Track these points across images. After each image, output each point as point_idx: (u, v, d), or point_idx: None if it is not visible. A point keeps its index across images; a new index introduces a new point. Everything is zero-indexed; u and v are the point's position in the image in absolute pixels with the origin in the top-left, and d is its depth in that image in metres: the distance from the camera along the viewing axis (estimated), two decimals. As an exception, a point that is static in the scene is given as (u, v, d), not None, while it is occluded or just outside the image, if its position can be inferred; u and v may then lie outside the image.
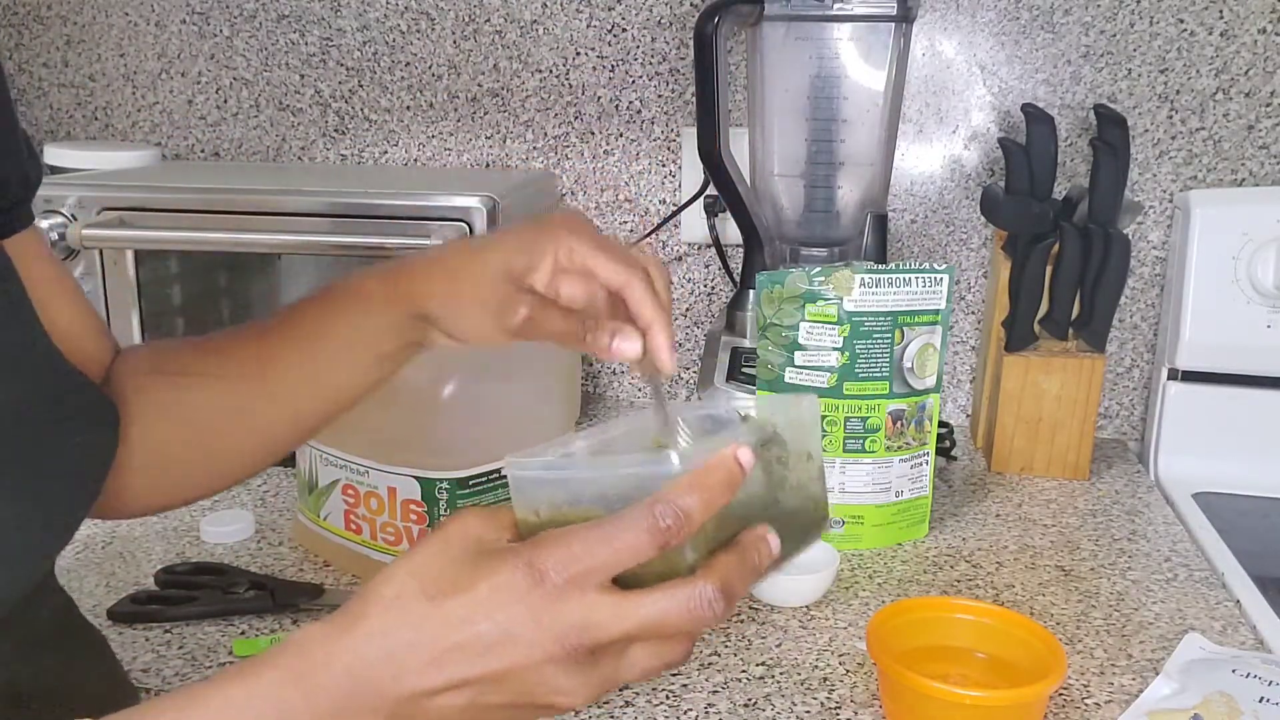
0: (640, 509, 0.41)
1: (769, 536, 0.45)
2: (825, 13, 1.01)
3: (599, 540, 0.41)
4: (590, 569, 0.40)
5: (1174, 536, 0.98)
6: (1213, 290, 1.11)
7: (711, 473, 0.42)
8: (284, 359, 0.61)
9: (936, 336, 0.93)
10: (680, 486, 0.42)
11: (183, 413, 0.61)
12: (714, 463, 0.43)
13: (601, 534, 0.41)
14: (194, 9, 1.34)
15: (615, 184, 1.30)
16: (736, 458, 0.43)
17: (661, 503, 0.41)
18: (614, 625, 0.41)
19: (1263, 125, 1.15)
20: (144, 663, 0.74)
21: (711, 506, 0.42)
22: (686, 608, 0.41)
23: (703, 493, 0.42)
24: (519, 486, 0.45)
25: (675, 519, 0.41)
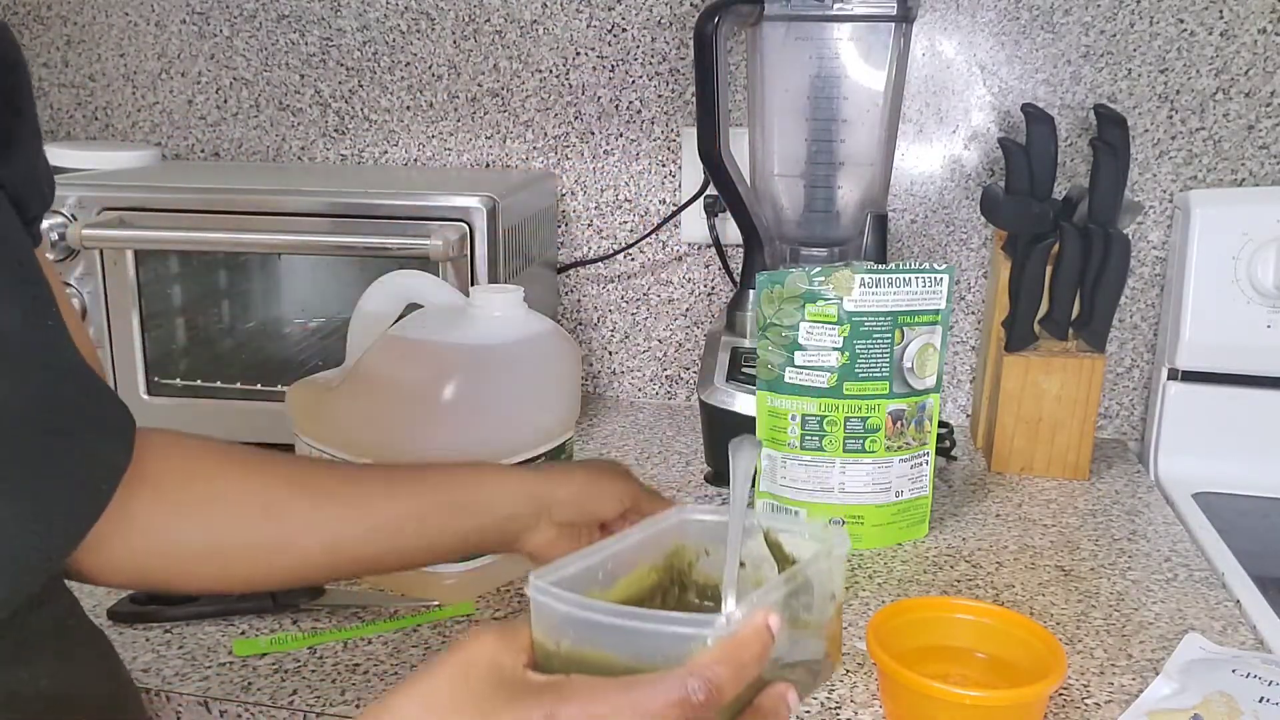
0: (672, 680, 0.41)
1: (789, 695, 0.45)
2: (825, 13, 1.01)
3: (628, 705, 0.40)
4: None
5: (1174, 536, 0.98)
6: (1213, 290, 1.11)
7: (747, 646, 0.42)
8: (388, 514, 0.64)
9: (936, 336, 0.93)
10: (715, 657, 0.41)
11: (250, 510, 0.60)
12: (748, 635, 0.43)
13: (630, 699, 0.40)
14: (194, 9, 1.35)
15: (615, 184, 1.30)
16: (768, 626, 0.43)
17: (695, 676, 0.41)
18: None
19: (1263, 125, 1.15)
20: (144, 663, 0.74)
21: (744, 680, 0.42)
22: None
23: (736, 667, 0.42)
24: (544, 614, 0.44)
25: (708, 694, 0.41)
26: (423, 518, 0.64)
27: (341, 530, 0.62)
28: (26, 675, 0.50)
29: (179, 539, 0.58)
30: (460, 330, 0.83)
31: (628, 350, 1.35)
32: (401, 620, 0.80)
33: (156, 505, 0.57)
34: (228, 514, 0.59)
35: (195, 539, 0.58)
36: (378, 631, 0.79)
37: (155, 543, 0.57)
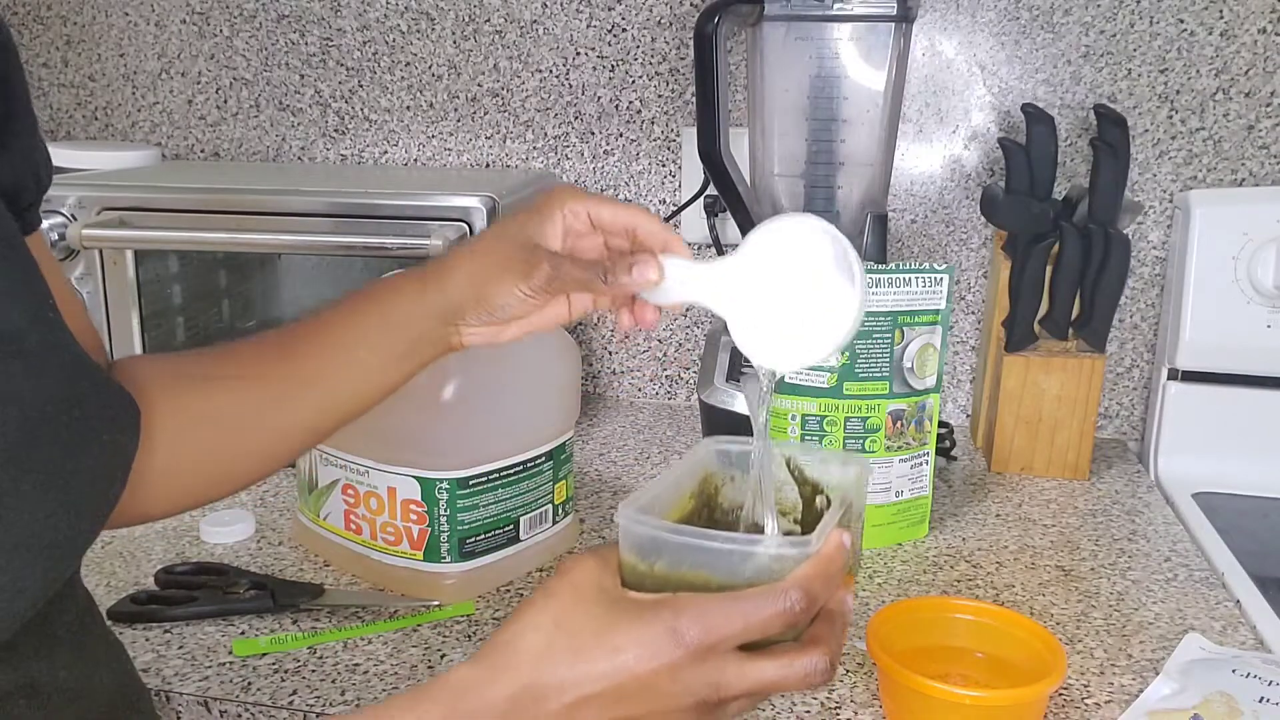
0: (777, 592, 0.46)
1: (847, 598, 0.51)
2: (825, 13, 1.01)
3: (736, 614, 0.46)
4: (725, 638, 0.46)
5: (1174, 536, 0.98)
6: (1213, 290, 1.11)
7: (832, 560, 0.48)
8: (309, 356, 0.63)
9: (936, 336, 0.93)
10: (809, 573, 0.47)
11: (208, 416, 0.62)
12: (831, 552, 0.48)
13: (739, 609, 0.46)
14: (194, 9, 1.35)
15: (615, 184, 1.30)
16: (844, 543, 0.49)
17: (795, 589, 0.46)
18: (739, 686, 0.46)
19: (1263, 125, 1.15)
20: (144, 663, 0.74)
21: (832, 591, 0.48)
22: (802, 675, 0.47)
23: (826, 580, 0.48)
24: (638, 539, 0.49)
25: (806, 604, 0.46)
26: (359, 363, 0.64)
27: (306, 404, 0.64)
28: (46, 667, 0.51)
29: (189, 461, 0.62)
30: (460, 330, 0.83)
31: (628, 350, 1.35)
32: (401, 620, 0.80)
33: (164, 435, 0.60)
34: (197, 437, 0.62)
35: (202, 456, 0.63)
36: (378, 631, 0.79)
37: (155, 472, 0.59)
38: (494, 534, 0.84)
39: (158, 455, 0.59)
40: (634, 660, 0.45)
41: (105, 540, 0.93)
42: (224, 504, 1.00)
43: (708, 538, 0.49)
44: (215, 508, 0.99)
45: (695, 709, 0.46)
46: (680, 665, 0.45)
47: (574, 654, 0.46)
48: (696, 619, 0.45)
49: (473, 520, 0.83)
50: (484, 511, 0.83)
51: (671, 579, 0.49)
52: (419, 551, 0.83)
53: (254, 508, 1.00)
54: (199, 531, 0.94)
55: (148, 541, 0.93)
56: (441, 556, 0.83)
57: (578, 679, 0.45)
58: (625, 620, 0.46)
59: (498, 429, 0.83)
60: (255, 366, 0.64)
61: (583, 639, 0.46)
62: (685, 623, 0.45)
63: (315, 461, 0.88)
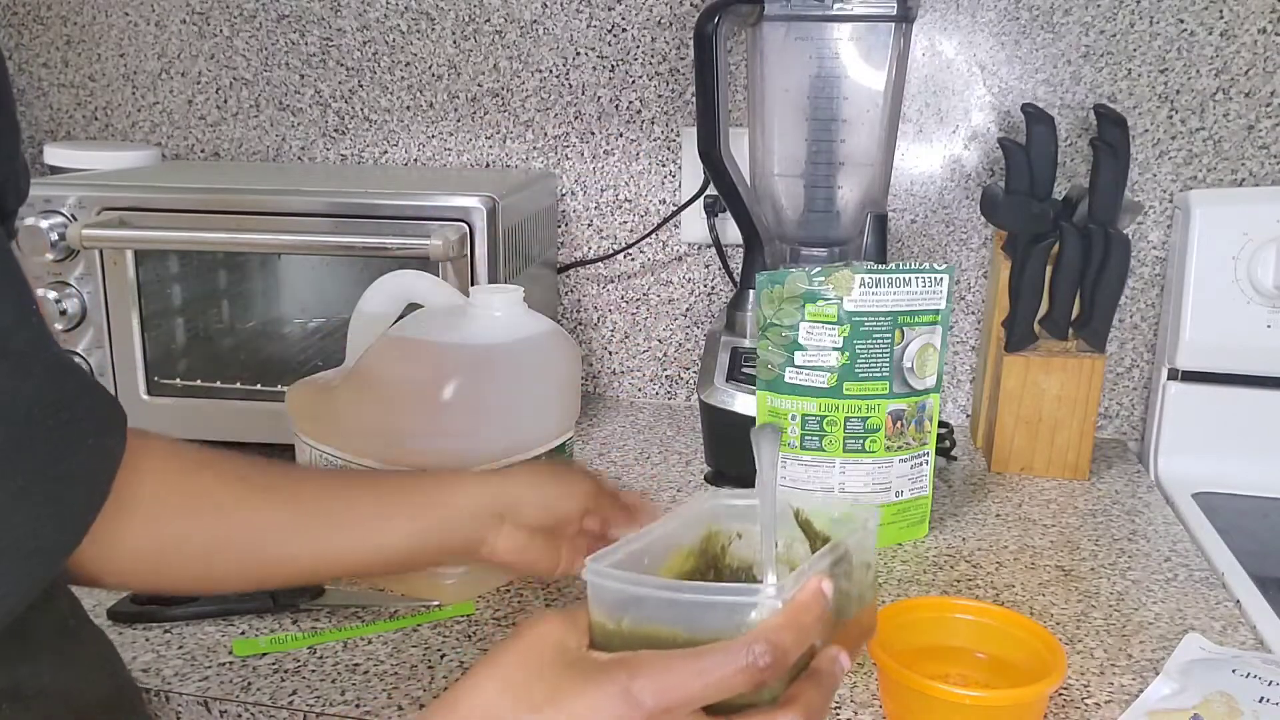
0: (738, 646, 0.42)
1: (841, 657, 0.47)
2: (825, 13, 1.01)
3: (696, 673, 0.42)
4: (684, 700, 0.42)
5: (1174, 536, 0.98)
6: (1213, 290, 1.11)
7: (807, 610, 0.44)
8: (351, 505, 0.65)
9: (936, 336, 0.93)
10: (777, 623, 0.43)
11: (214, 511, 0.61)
12: (806, 599, 0.45)
13: (698, 666, 0.42)
14: (194, 9, 1.35)
15: (615, 184, 1.30)
16: (823, 591, 0.45)
17: (760, 641, 0.42)
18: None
19: (1263, 125, 1.15)
20: (144, 663, 0.74)
21: (804, 644, 0.44)
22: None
23: (797, 631, 0.44)
24: (604, 595, 0.46)
25: (774, 657, 0.42)
26: (387, 517, 0.66)
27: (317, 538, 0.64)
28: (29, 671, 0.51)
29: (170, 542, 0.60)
30: (460, 330, 0.83)
31: (628, 350, 1.35)
32: (401, 620, 0.80)
33: (154, 507, 0.59)
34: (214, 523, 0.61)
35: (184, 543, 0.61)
36: (378, 631, 0.79)
37: (149, 545, 0.59)
38: (494, 534, 0.84)
39: (135, 528, 0.57)
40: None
41: (105, 540, 0.93)
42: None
43: (670, 588, 0.46)
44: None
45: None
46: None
47: (518, 717, 0.43)
48: (652, 679, 0.42)
49: (473, 520, 0.83)
50: (484, 511, 0.83)
51: (639, 636, 0.45)
52: (419, 551, 0.83)
53: (254, 508, 1.00)
54: (199, 531, 0.94)
55: (148, 541, 0.93)
56: (441, 556, 0.83)
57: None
58: (578, 682, 0.43)
59: (498, 429, 0.83)
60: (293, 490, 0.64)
61: (532, 702, 0.43)
62: (640, 684, 0.42)
63: (315, 462, 0.87)
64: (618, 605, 0.46)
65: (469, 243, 1.01)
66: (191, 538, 0.61)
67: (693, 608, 0.44)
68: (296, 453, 0.90)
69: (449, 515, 0.67)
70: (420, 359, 0.82)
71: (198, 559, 0.61)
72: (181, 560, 0.61)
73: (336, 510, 0.65)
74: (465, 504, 0.67)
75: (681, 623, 0.44)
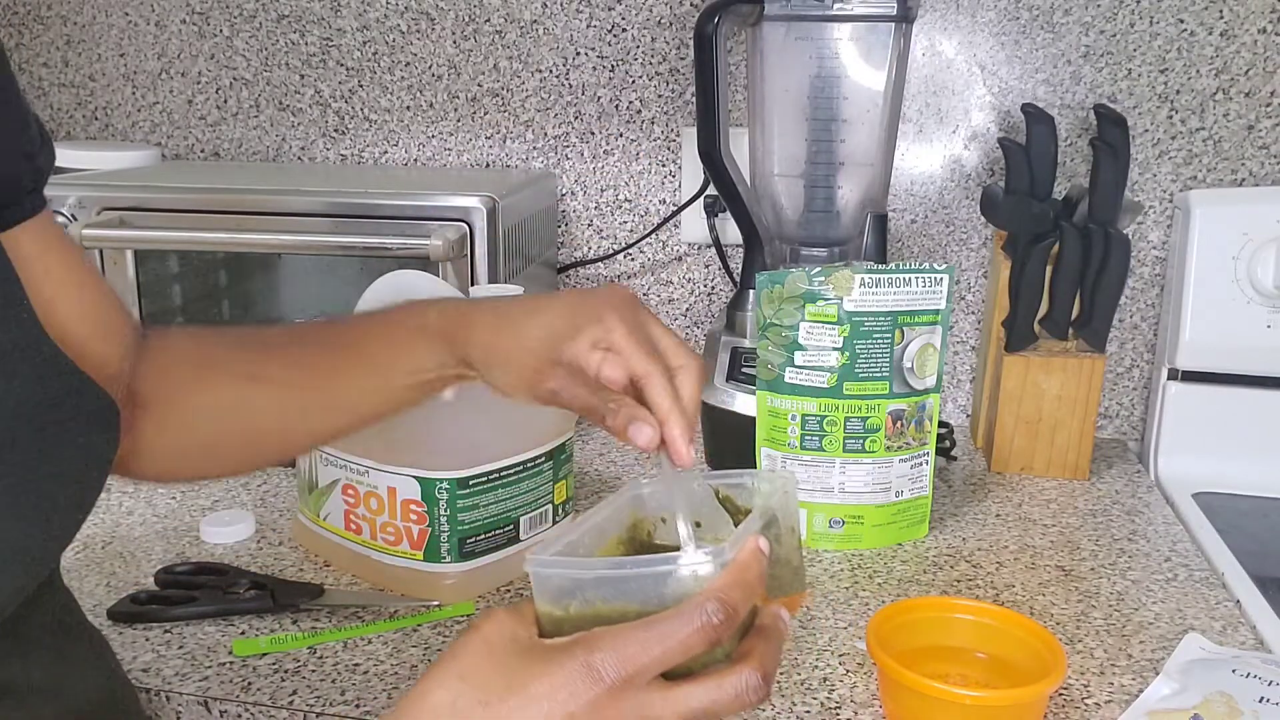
0: (691, 608, 0.43)
1: (783, 613, 0.49)
2: (825, 13, 1.01)
3: (653, 640, 0.43)
4: (644, 667, 0.43)
5: (1174, 536, 0.98)
6: (1213, 290, 1.11)
7: (749, 567, 0.46)
8: (345, 374, 0.64)
9: (936, 336, 0.93)
10: (724, 583, 0.45)
11: (231, 411, 0.64)
12: (746, 558, 0.46)
13: (655, 633, 0.43)
14: (194, 9, 1.35)
15: (615, 184, 1.30)
16: (760, 549, 0.47)
17: (711, 600, 0.43)
18: (669, 717, 0.44)
19: (1263, 125, 1.15)
20: (144, 663, 0.74)
21: (752, 599, 0.46)
22: (733, 695, 0.44)
23: (744, 587, 0.45)
24: (549, 584, 0.47)
25: (727, 614, 0.43)
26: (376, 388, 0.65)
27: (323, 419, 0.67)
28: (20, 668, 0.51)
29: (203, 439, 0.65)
30: (460, 330, 0.83)
31: (628, 350, 1.35)
32: (401, 620, 0.80)
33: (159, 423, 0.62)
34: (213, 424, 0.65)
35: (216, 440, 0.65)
36: (378, 631, 0.79)
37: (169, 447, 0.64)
38: (494, 534, 0.84)
39: (164, 435, 0.61)
40: (550, 707, 0.42)
41: (105, 540, 0.93)
42: (224, 504, 1.01)
43: (618, 565, 0.47)
44: (216, 508, 0.99)
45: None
46: (600, 704, 0.42)
47: (484, 708, 0.43)
48: (611, 651, 0.43)
49: (473, 520, 0.83)
50: (484, 511, 0.83)
51: (588, 617, 0.46)
52: (419, 551, 0.83)
53: (254, 508, 1.00)
54: (199, 531, 0.94)
55: (148, 541, 0.93)
56: (441, 556, 0.83)
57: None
58: (538, 665, 0.43)
59: (498, 429, 0.83)
60: (284, 371, 0.64)
61: (493, 690, 0.43)
62: (600, 657, 0.42)
63: (315, 461, 0.88)
64: (564, 592, 0.47)
65: (469, 243, 1.01)
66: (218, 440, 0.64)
67: (640, 580, 0.46)
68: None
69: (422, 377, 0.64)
70: (420, 359, 0.82)
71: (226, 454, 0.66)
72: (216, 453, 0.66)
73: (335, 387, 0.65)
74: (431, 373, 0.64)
75: (630, 598, 0.46)
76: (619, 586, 0.46)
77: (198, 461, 0.67)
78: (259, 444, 0.66)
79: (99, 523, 0.96)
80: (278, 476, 1.07)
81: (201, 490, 1.04)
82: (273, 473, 1.08)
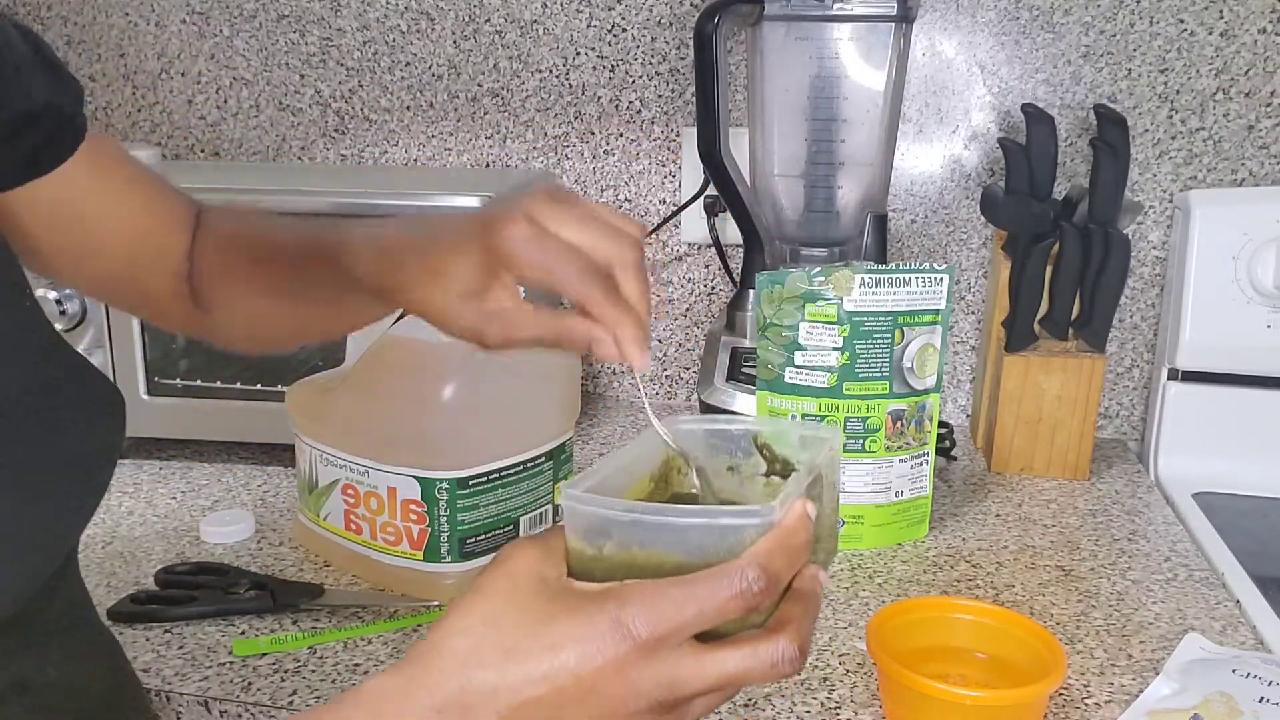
0: (732, 572, 0.41)
1: (820, 575, 0.46)
2: (825, 13, 1.01)
3: (688, 600, 0.41)
4: (678, 628, 0.41)
5: (1174, 536, 0.98)
6: (1213, 290, 1.11)
7: (795, 534, 0.43)
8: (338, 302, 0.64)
9: (936, 336, 0.93)
10: (768, 547, 0.42)
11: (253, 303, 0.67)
12: (794, 523, 0.43)
13: (690, 594, 0.41)
14: (194, 9, 1.34)
15: (615, 184, 1.30)
16: (808, 514, 0.44)
17: (753, 567, 0.41)
18: (698, 682, 0.41)
19: (1263, 125, 1.15)
20: (144, 662, 0.74)
21: (795, 567, 0.43)
22: (769, 664, 0.42)
23: (789, 555, 0.43)
24: (584, 520, 0.44)
25: (766, 583, 0.41)
26: None
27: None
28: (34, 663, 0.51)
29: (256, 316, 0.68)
30: (460, 330, 0.83)
31: (628, 350, 1.35)
32: (401, 620, 0.80)
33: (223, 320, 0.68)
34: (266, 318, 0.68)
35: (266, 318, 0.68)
36: (378, 631, 0.79)
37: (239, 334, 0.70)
38: (494, 534, 0.84)
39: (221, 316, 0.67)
40: (575, 660, 0.40)
41: (105, 540, 0.93)
42: (224, 504, 1.01)
43: (658, 512, 0.44)
44: (215, 508, 0.99)
45: (650, 711, 0.41)
46: (628, 663, 0.40)
47: (505, 655, 0.41)
48: (643, 608, 0.40)
49: (473, 520, 0.83)
50: (484, 511, 0.83)
51: (621, 563, 0.44)
52: (419, 551, 0.83)
53: (254, 508, 1.00)
54: (199, 531, 0.94)
55: (148, 541, 0.93)
56: (441, 556, 0.83)
57: (511, 683, 0.40)
58: (564, 614, 0.41)
59: (498, 429, 0.83)
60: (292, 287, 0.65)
61: (515, 638, 0.41)
62: (631, 613, 0.40)
63: (315, 462, 0.88)
64: (597, 531, 0.44)
65: (469, 243, 1.01)
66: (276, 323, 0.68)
67: (683, 531, 0.43)
68: (297, 453, 0.90)
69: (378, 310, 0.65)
70: (420, 359, 0.82)
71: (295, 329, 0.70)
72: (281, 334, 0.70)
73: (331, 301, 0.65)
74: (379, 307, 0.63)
75: (670, 546, 0.43)
76: (656, 534, 0.43)
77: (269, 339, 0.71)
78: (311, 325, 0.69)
79: (99, 523, 0.96)
80: (278, 477, 1.07)
81: (201, 490, 1.04)
82: (273, 472, 1.08)
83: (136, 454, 1.13)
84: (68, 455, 0.48)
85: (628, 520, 0.44)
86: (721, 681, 0.42)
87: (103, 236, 0.62)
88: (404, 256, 0.56)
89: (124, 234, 0.63)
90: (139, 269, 0.65)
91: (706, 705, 0.44)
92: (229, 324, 0.69)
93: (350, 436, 0.84)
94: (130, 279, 0.65)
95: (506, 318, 0.53)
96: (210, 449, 1.14)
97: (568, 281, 0.49)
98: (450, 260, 0.53)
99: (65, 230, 0.59)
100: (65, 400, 0.48)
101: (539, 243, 0.50)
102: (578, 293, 0.49)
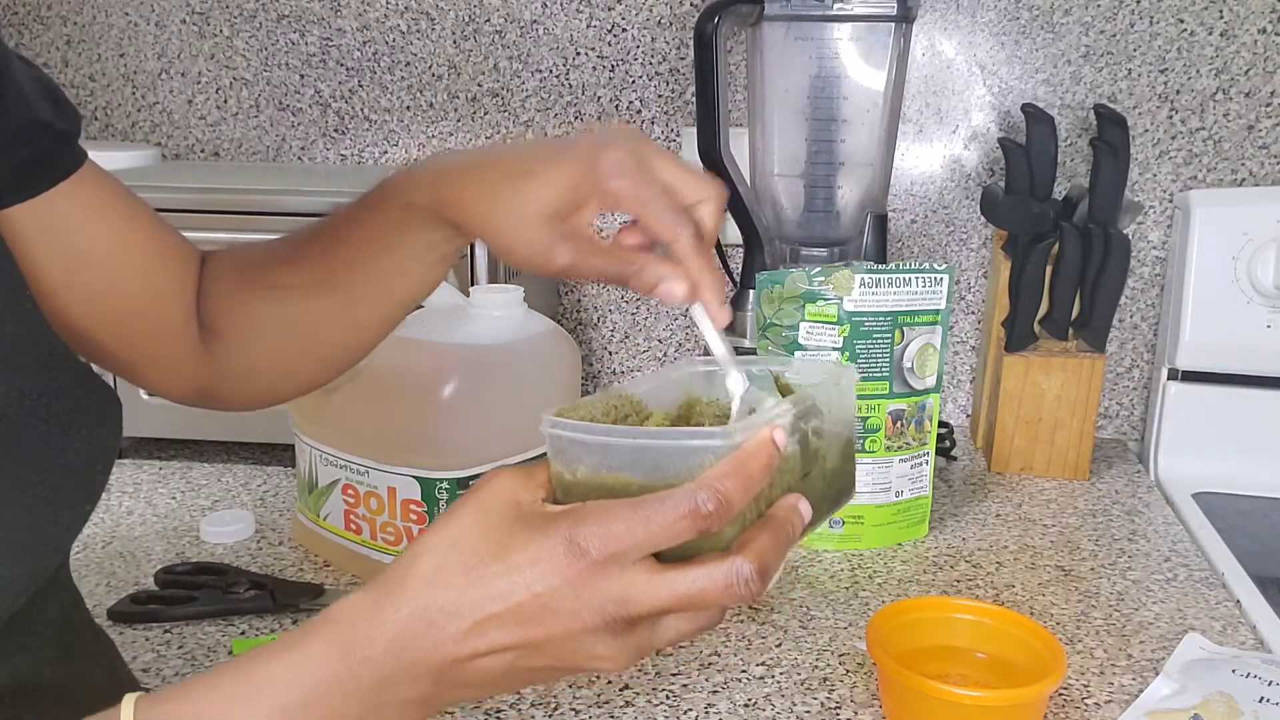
0: (682, 494, 0.42)
1: (800, 505, 0.46)
2: (825, 13, 1.01)
3: (640, 520, 0.41)
4: (630, 547, 0.41)
5: (1174, 536, 0.98)
6: (1213, 290, 1.11)
7: (753, 458, 0.43)
8: (362, 264, 0.62)
9: (936, 336, 0.93)
10: (722, 471, 0.42)
11: (276, 324, 0.64)
12: (754, 448, 0.43)
13: (643, 514, 0.41)
14: (194, 9, 1.34)
15: (615, 184, 1.30)
16: (773, 439, 0.44)
17: (704, 489, 0.41)
18: (651, 600, 0.42)
19: (1263, 125, 1.15)
20: (144, 663, 0.74)
21: (751, 491, 0.43)
22: (723, 585, 0.42)
23: (744, 479, 0.43)
24: (558, 446, 0.46)
25: (718, 505, 0.41)
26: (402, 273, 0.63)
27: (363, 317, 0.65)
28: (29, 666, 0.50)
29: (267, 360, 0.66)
30: (460, 330, 0.83)
31: (628, 350, 1.35)
32: (401, 620, 0.80)
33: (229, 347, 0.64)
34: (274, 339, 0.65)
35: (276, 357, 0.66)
36: (378, 631, 0.79)
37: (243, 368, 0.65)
38: (494, 534, 0.84)
39: (235, 358, 0.63)
40: (530, 578, 0.41)
41: (105, 540, 0.93)
42: (224, 504, 1.01)
43: (619, 434, 0.45)
44: (216, 508, 0.99)
45: (607, 629, 0.42)
46: (580, 580, 0.41)
47: (467, 573, 0.42)
48: (596, 527, 0.41)
49: (473, 520, 0.83)
50: (484, 511, 0.83)
51: (594, 486, 0.45)
52: (419, 551, 0.83)
53: (254, 508, 1.00)
54: (199, 531, 0.94)
55: (148, 541, 0.93)
56: (441, 556, 0.82)
57: (473, 601, 0.42)
58: (523, 535, 0.42)
59: (498, 429, 0.83)
60: (311, 273, 0.63)
61: (479, 557, 0.42)
62: (585, 532, 0.41)
63: (315, 462, 0.88)
64: (572, 455, 0.45)
65: (469, 242, 1.01)
66: (276, 353, 0.65)
67: (647, 453, 0.44)
68: (297, 453, 0.90)
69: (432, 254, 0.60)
70: (420, 359, 0.82)
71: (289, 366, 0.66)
72: (287, 367, 0.66)
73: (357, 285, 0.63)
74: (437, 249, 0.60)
75: (636, 469, 0.44)
76: (620, 455, 0.44)
77: (274, 379, 0.67)
78: (321, 349, 0.66)
79: (99, 523, 0.96)
80: (278, 476, 1.07)
81: (201, 490, 1.04)
82: (273, 472, 1.08)
83: (136, 454, 1.13)
84: (66, 461, 0.48)
85: (596, 444, 0.45)
86: (676, 600, 0.42)
87: (110, 269, 0.60)
88: (475, 171, 0.55)
89: (132, 267, 0.61)
90: (149, 297, 0.62)
91: (677, 631, 0.44)
92: (246, 363, 0.64)
93: (350, 436, 0.84)
94: (139, 312, 0.62)
95: (580, 243, 0.51)
96: (210, 449, 1.14)
97: (661, 217, 0.50)
98: (545, 169, 0.52)
99: (70, 264, 0.57)
100: (65, 406, 0.48)
101: (640, 174, 0.50)
102: (670, 231, 0.50)
